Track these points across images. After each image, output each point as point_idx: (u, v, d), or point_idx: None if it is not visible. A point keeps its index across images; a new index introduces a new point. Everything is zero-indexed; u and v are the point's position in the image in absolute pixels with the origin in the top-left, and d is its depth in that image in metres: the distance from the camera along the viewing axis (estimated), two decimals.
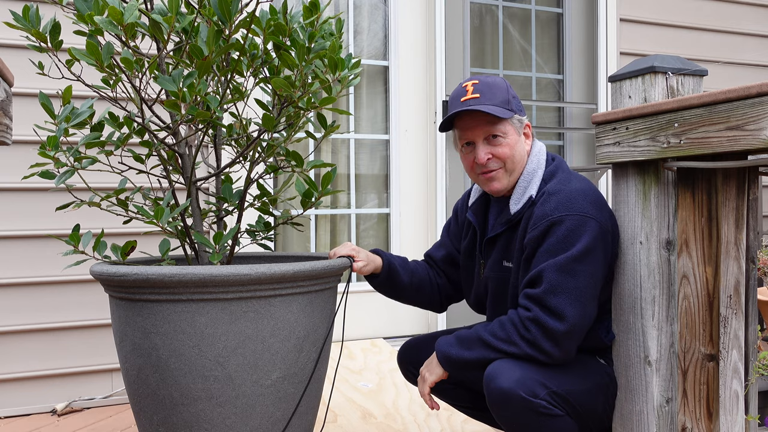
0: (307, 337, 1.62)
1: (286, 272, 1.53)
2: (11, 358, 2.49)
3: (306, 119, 1.82)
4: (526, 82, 3.64)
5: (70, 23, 1.52)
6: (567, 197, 1.54)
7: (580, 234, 1.49)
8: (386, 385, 2.57)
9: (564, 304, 1.46)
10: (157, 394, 1.55)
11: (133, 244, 1.71)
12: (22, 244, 2.50)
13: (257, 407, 1.55)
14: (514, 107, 1.65)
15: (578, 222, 1.50)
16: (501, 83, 1.67)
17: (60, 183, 1.62)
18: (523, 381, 1.44)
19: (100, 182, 2.07)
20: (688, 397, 1.49)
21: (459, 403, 1.92)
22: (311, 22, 1.60)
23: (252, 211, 2.23)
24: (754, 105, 1.25)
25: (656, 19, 3.69)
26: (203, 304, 1.50)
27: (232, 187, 1.81)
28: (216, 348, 1.51)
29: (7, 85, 1.24)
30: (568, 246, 1.49)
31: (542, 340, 1.46)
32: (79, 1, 1.45)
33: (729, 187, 1.43)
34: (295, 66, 1.57)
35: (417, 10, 3.41)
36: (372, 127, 3.41)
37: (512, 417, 1.47)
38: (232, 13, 1.48)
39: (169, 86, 1.44)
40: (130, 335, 1.58)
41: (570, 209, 1.52)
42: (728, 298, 1.44)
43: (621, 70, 1.60)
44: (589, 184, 1.61)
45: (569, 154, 3.70)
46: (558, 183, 1.59)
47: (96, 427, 2.34)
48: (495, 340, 1.51)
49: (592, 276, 1.50)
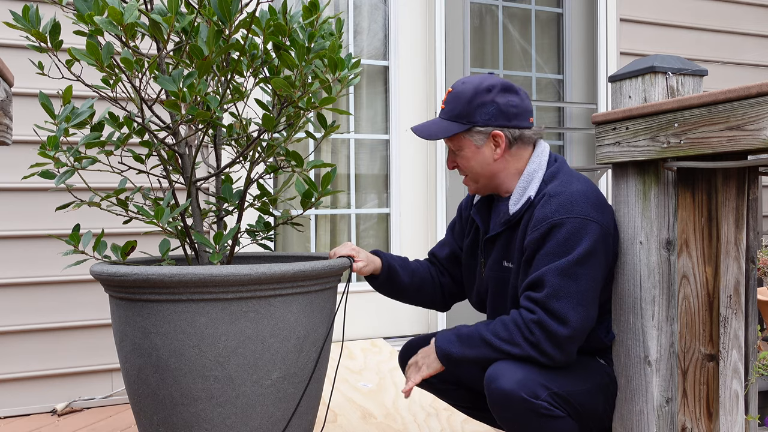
0: (307, 337, 1.62)
1: (286, 272, 1.53)
2: (11, 358, 2.49)
3: (306, 119, 1.83)
4: (526, 82, 3.64)
5: (70, 23, 1.52)
6: (568, 199, 1.53)
7: (581, 237, 1.49)
8: (386, 385, 2.57)
9: (567, 308, 1.46)
10: (157, 394, 1.55)
11: (133, 244, 1.71)
12: (23, 244, 2.50)
13: (257, 407, 1.55)
14: (477, 118, 1.61)
15: (579, 225, 1.49)
16: (468, 92, 1.63)
17: (60, 183, 1.62)
18: (524, 382, 1.44)
19: (101, 182, 2.07)
20: (688, 397, 1.49)
21: (459, 404, 1.93)
22: (311, 22, 1.60)
23: (253, 211, 2.22)
24: (754, 105, 1.25)
25: (656, 19, 3.69)
26: (203, 304, 1.50)
27: (232, 187, 1.81)
28: (216, 348, 1.51)
29: (7, 85, 1.24)
30: (569, 249, 1.49)
31: (545, 343, 1.46)
32: (79, 1, 1.45)
33: (729, 187, 1.43)
34: (295, 66, 1.56)
35: (417, 10, 3.41)
36: (372, 127, 3.41)
37: (513, 418, 1.47)
38: (232, 13, 1.48)
39: (169, 86, 1.44)
40: (130, 335, 1.57)
41: (571, 212, 1.51)
42: (728, 298, 1.44)
43: (621, 70, 1.60)
44: (590, 186, 1.60)
45: (569, 154, 3.70)
46: (559, 185, 1.58)
47: (96, 427, 2.34)
48: (497, 340, 1.50)
49: (593, 279, 1.50)
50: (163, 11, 1.49)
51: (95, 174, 2.08)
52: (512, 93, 1.64)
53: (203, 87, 1.48)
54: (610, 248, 1.55)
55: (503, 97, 1.62)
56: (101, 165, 1.86)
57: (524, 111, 1.65)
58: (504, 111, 1.62)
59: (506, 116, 1.62)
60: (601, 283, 1.54)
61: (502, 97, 1.62)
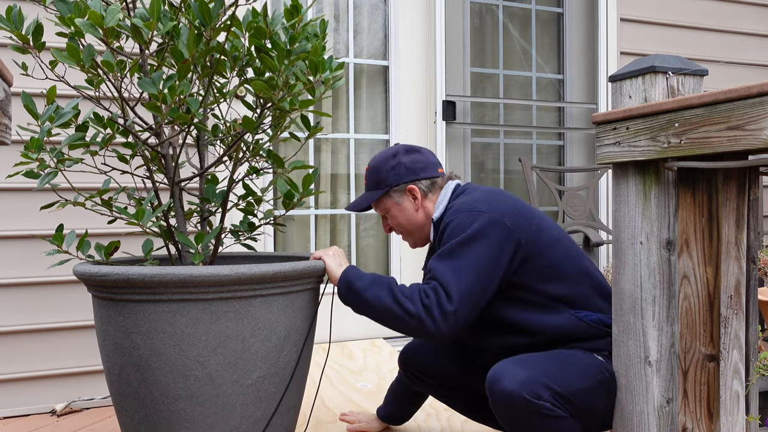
0: (288, 337, 1.63)
1: (266, 273, 1.54)
2: (11, 358, 2.49)
3: (291, 120, 1.84)
4: (526, 81, 3.64)
5: (54, 23, 1.52)
6: (463, 203, 1.68)
7: (466, 225, 1.61)
8: (386, 386, 2.56)
9: (452, 281, 1.55)
10: (138, 393, 1.56)
11: (116, 244, 1.73)
12: (23, 244, 2.50)
13: (237, 406, 1.57)
14: (390, 181, 1.80)
15: (466, 217, 1.63)
16: (378, 163, 1.83)
17: (43, 184, 1.63)
18: (526, 383, 1.45)
19: (85, 182, 2.08)
20: (688, 398, 1.49)
21: (457, 405, 1.93)
22: (292, 24, 1.61)
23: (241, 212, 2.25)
24: (755, 105, 1.24)
25: (656, 18, 3.68)
26: (184, 304, 1.51)
27: (215, 188, 1.83)
28: (196, 347, 1.52)
29: (7, 84, 1.23)
30: (456, 236, 1.61)
31: (436, 309, 1.53)
32: (60, 4, 1.45)
33: (729, 187, 1.43)
34: (275, 68, 1.58)
35: (417, 10, 3.40)
36: (372, 127, 3.40)
37: (516, 419, 1.48)
38: (212, 17, 1.49)
39: (149, 89, 1.45)
40: (111, 335, 1.59)
41: (460, 211, 1.65)
42: (729, 298, 1.44)
43: (621, 69, 1.60)
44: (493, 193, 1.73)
45: (569, 154, 3.70)
46: (462, 196, 1.75)
47: (96, 428, 2.33)
48: (399, 293, 1.58)
49: (480, 257, 1.58)
50: (144, 15, 1.50)
51: (80, 174, 2.08)
52: (415, 152, 1.84)
53: (185, 89, 1.49)
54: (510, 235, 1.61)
55: (407, 157, 1.82)
56: (86, 165, 1.87)
57: (429, 164, 1.83)
58: (411, 168, 1.81)
59: (414, 172, 1.81)
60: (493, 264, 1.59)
61: (406, 157, 1.82)
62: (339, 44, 3.34)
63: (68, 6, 1.45)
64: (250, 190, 1.91)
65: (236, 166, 1.81)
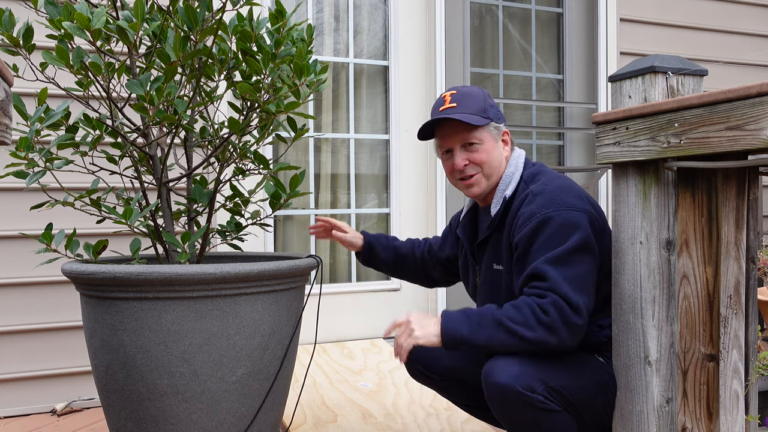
0: (273, 335, 1.65)
1: (250, 272, 1.57)
2: (11, 358, 2.49)
3: (278, 122, 1.87)
4: (526, 81, 3.64)
5: (45, 25, 1.55)
6: (552, 194, 1.59)
7: (572, 227, 1.53)
8: (386, 385, 2.57)
9: (573, 293, 1.47)
10: (124, 390, 1.59)
11: (104, 243, 1.76)
12: (23, 243, 2.50)
13: (222, 403, 1.59)
14: (491, 115, 1.70)
15: (569, 216, 1.54)
16: (478, 93, 1.73)
17: (31, 183, 1.66)
18: (520, 376, 1.46)
19: (75, 182, 2.08)
20: (688, 397, 1.49)
21: (461, 401, 1.93)
22: (277, 28, 1.64)
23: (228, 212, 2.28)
24: (754, 105, 1.25)
25: (656, 18, 3.68)
26: (169, 302, 1.54)
27: (202, 188, 1.86)
28: (182, 345, 1.55)
29: (7, 84, 1.24)
30: (563, 240, 1.51)
31: (561, 326, 1.45)
32: (49, 7, 1.49)
33: (729, 187, 1.43)
34: (261, 71, 1.61)
35: (417, 10, 3.41)
36: (372, 127, 3.40)
37: (510, 412, 1.49)
38: (198, 21, 1.53)
39: (136, 90, 1.49)
40: (98, 332, 1.61)
41: (559, 205, 1.56)
42: (728, 298, 1.44)
43: (621, 69, 1.60)
44: (571, 182, 1.67)
45: (569, 154, 3.70)
46: (542, 184, 1.64)
47: (96, 427, 2.34)
48: (511, 322, 1.46)
49: (590, 266, 1.54)
50: (129, 18, 1.53)
51: (69, 174, 2.09)
52: None
53: (172, 91, 1.52)
54: (600, 235, 1.59)
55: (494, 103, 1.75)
56: (75, 166, 1.90)
57: None
58: (501, 114, 1.74)
59: (503, 119, 1.74)
60: (597, 269, 1.56)
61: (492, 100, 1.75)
62: (339, 44, 3.34)
63: (57, 9, 1.49)
64: (237, 191, 1.94)
65: (223, 168, 1.84)
